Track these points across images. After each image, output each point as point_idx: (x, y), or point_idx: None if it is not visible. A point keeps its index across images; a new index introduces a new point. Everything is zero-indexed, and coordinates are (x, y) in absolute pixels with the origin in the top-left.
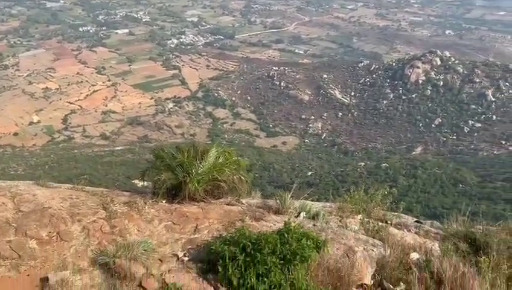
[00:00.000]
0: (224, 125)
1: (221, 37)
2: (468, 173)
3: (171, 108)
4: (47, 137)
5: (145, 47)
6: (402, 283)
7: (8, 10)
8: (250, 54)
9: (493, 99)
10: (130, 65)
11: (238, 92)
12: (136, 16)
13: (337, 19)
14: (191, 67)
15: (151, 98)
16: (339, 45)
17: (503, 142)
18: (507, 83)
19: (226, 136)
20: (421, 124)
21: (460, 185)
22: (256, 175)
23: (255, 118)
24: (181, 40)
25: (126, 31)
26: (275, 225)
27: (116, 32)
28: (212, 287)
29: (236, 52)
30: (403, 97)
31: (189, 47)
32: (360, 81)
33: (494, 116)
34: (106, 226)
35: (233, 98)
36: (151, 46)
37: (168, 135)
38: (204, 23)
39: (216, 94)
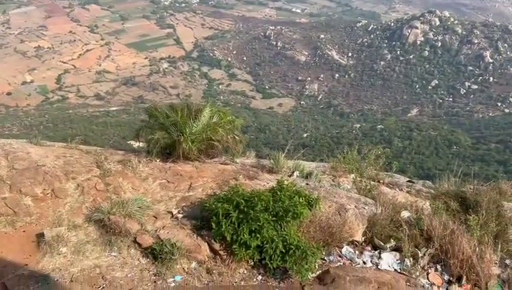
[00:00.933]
0: (220, 86)
1: None
2: (463, 134)
3: (166, 68)
4: (41, 97)
5: (139, 4)
6: (392, 240)
7: None
8: (246, 13)
9: (491, 60)
10: (123, 23)
11: (234, 52)
12: None
13: None
14: (185, 26)
15: (146, 58)
16: (337, 4)
17: (499, 104)
18: (505, 45)
19: (221, 97)
20: (417, 86)
21: (455, 147)
22: (252, 137)
23: (251, 79)
24: None
25: None
26: (268, 183)
27: None
28: (206, 243)
29: (232, 11)
30: (401, 58)
31: (183, 5)
32: (358, 42)
33: (491, 78)
34: (100, 183)
35: (229, 59)
36: (144, 4)
37: (163, 96)
38: None
39: (211, 54)
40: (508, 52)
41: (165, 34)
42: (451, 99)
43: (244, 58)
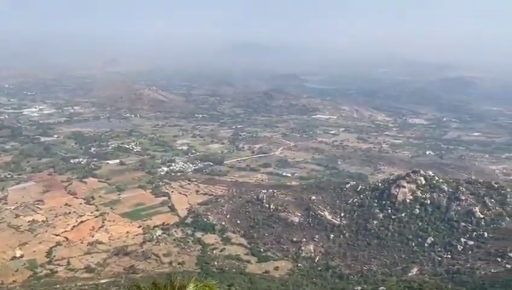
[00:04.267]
0: (214, 252)
1: (211, 163)
2: None
3: (159, 235)
4: (28, 272)
5: (135, 176)
6: None
7: (2, 146)
8: (239, 178)
9: (481, 216)
10: (119, 194)
11: (228, 216)
12: (128, 147)
13: (321, 143)
14: (180, 193)
15: (139, 227)
16: (325, 167)
17: (499, 259)
18: (493, 200)
19: (215, 263)
20: (413, 244)
21: None
22: None
23: (245, 243)
24: (171, 167)
25: (117, 161)
26: None
27: (107, 163)
28: None
29: (225, 177)
30: (393, 217)
31: (179, 174)
32: (349, 202)
33: (486, 233)
34: None
35: (223, 223)
36: (141, 175)
37: (155, 265)
38: (194, 151)
39: (205, 219)
40: (497, 207)
41: (160, 202)
42: (449, 256)
43: (238, 222)
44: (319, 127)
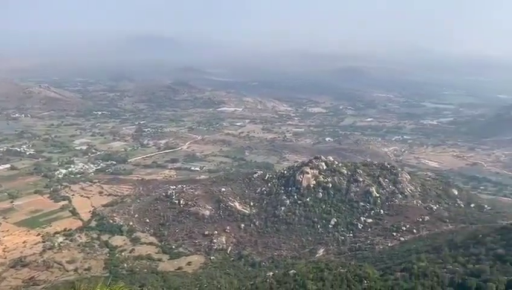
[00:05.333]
0: (123, 253)
1: (114, 162)
2: (370, 268)
3: (61, 242)
4: None
5: (30, 180)
6: None
7: None
8: (145, 176)
9: (377, 195)
10: (12, 201)
11: (136, 215)
12: (19, 150)
13: (228, 135)
14: (82, 196)
15: (38, 235)
16: (233, 159)
17: (394, 233)
18: (386, 180)
19: (125, 265)
20: (319, 226)
21: (365, 281)
22: None
23: (156, 241)
24: (70, 169)
25: (7, 166)
26: None
27: None
28: None
29: (131, 176)
30: (299, 202)
31: (79, 176)
32: (257, 191)
33: (382, 211)
34: None
35: (131, 223)
36: (36, 179)
37: (59, 273)
38: (94, 151)
39: (111, 221)
40: (390, 186)
41: (60, 207)
42: (351, 235)
43: (147, 221)
44: (225, 119)
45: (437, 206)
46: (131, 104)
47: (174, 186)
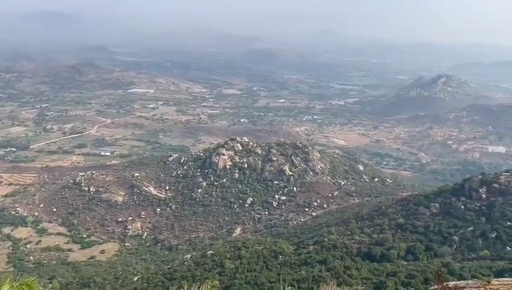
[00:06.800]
0: (28, 246)
1: (14, 149)
2: (285, 243)
3: None
4: None
5: None
6: None
7: None
8: (50, 163)
9: (290, 173)
10: None
11: (41, 205)
12: None
13: (140, 118)
14: None
15: None
16: (146, 142)
17: (306, 209)
18: (298, 158)
19: (31, 258)
20: (235, 206)
21: (281, 257)
22: None
23: (65, 231)
24: None
25: None
26: None
27: None
28: None
29: (34, 163)
30: (215, 183)
31: None
32: (173, 174)
33: (295, 188)
34: None
35: (36, 213)
36: None
37: None
38: None
39: (13, 212)
40: (302, 164)
41: None
42: (267, 212)
43: (54, 210)
44: (136, 101)
45: (345, 181)
46: (32, 86)
47: (83, 173)
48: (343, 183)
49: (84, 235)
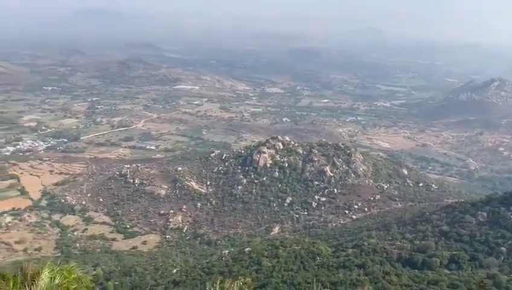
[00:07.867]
0: (75, 233)
1: (65, 140)
2: (323, 244)
3: (9, 222)
4: None
5: None
6: None
7: None
8: (98, 154)
9: (331, 174)
10: None
11: (88, 195)
12: None
13: (185, 114)
14: (31, 174)
15: None
16: (190, 138)
17: (346, 211)
18: (340, 159)
19: (77, 245)
20: (275, 205)
21: (318, 258)
22: (116, 283)
23: (109, 221)
24: (18, 147)
25: None
26: None
27: None
28: None
29: (83, 154)
30: (255, 181)
31: (28, 153)
32: (214, 170)
33: (335, 190)
34: None
35: (83, 202)
36: None
37: (6, 254)
38: (44, 127)
39: (63, 200)
40: (344, 166)
41: (7, 186)
42: (306, 213)
43: (101, 200)
44: (181, 97)
45: (388, 185)
46: (83, 80)
47: (129, 165)
48: (385, 187)
49: (128, 226)
